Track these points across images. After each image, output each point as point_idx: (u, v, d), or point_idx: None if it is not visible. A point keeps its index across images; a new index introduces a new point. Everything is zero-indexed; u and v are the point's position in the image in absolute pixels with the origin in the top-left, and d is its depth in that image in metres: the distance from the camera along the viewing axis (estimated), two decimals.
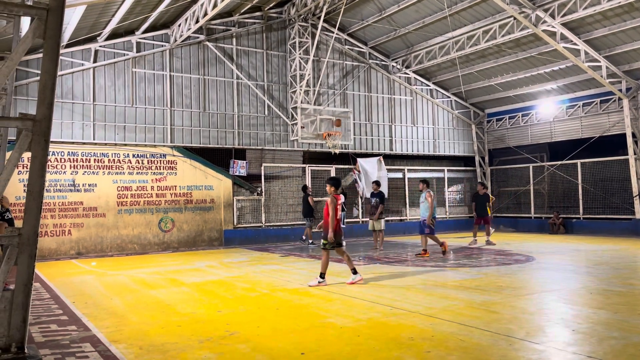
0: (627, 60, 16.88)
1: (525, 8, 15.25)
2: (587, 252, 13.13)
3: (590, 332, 5.64)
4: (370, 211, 14.88)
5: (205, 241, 16.98)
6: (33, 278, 4.65)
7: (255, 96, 18.21)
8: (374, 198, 14.80)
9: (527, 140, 21.62)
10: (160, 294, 8.54)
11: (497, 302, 7.20)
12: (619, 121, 18.31)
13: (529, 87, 20.03)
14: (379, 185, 15.20)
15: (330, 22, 19.19)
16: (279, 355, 5.06)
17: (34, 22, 4.74)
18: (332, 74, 19.79)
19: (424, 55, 20.07)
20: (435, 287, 8.57)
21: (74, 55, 15.34)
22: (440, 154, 22.34)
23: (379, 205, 14.58)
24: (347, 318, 6.48)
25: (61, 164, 15.02)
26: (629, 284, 8.53)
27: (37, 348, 5.28)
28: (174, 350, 5.28)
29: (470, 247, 14.78)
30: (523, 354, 4.93)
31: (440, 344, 5.28)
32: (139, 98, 16.28)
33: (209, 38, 17.33)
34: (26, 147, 4.66)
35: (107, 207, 15.49)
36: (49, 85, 4.72)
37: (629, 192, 17.79)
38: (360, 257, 12.92)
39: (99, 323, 6.52)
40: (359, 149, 20.18)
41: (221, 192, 17.28)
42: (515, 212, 22.15)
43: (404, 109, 21.47)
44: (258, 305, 7.54)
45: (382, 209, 14.62)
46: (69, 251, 14.98)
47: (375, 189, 15.03)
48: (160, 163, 16.41)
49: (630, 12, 14.80)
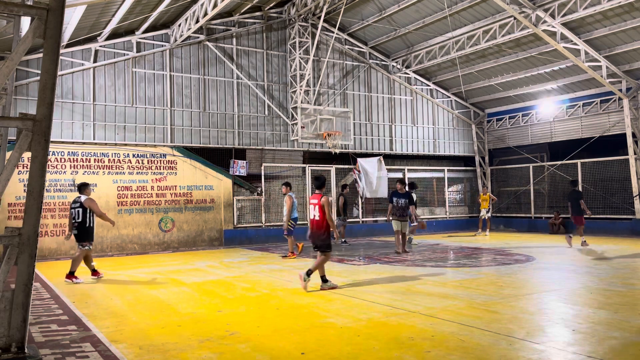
0: (627, 60, 16.88)
1: (525, 8, 15.25)
2: (587, 252, 13.12)
3: (591, 332, 5.64)
4: (397, 212, 13.36)
5: (205, 241, 16.98)
6: (33, 278, 4.66)
7: (255, 96, 18.21)
8: (402, 199, 13.42)
9: (527, 140, 21.62)
10: (160, 294, 8.54)
11: (497, 302, 7.20)
12: (619, 121, 18.31)
13: (529, 87, 20.03)
14: (404, 184, 13.99)
15: (330, 22, 19.19)
16: (279, 355, 5.06)
17: (34, 22, 4.74)
18: (332, 73, 19.79)
19: (424, 55, 20.07)
20: (435, 287, 8.57)
21: (74, 55, 15.34)
22: (441, 153, 22.34)
23: (410, 207, 13.59)
24: (347, 318, 6.48)
25: (61, 164, 15.02)
26: (629, 283, 8.53)
27: (37, 348, 5.28)
28: (174, 350, 5.28)
29: (582, 247, 14.06)
30: (523, 354, 4.93)
31: (440, 344, 5.28)
32: (139, 98, 16.28)
33: (209, 38, 17.33)
34: (26, 147, 4.66)
35: (107, 207, 15.47)
36: (49, 85, 4.72)
37: (629, 192, 17.78)
38: (360, 257, 12.92)
39: (99, 323, 6.52)
40: (359, 149, 20.18)
41: (221, 192, 17.28)
42: (516, 212, 22.15)
43: (404, 109, 21.47)
44: (258, 305, 7.54)
45: (414, 211, 14.13)
46: (69, 251, 14.96)
47: (400, 189, 13.66)
48: (160, 163, 16.41)
49: (630, 12, 14.80)
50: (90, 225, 10.14)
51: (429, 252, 13.94)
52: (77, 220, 10.05)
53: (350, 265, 11.76)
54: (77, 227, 10.06)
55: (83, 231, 10.06)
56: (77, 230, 10.06)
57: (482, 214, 19.08)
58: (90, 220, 10.13)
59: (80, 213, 10.07)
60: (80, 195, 10.32)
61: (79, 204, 10.14)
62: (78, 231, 10.06)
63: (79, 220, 10.05)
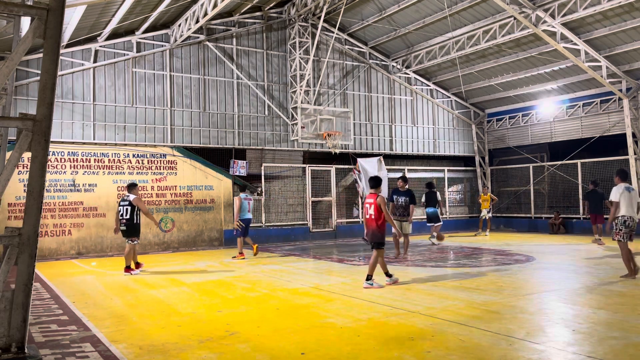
0: (627, 60, 16.87)
1: (525, 8, 15.25)
2: (587, 252, 13.13)
3: (590, 332, 5.64)
4: (398, 212, 12.86)
5: (205, 241, 16.98)
6: (33, 278, 4.66)
7: (256, 96, 18.21)
8: (402, 197, 12.90)
9: (527, 140, 21.62)
10: (160, 294, 8.54)
11: (497, 302, 7.20)
12: (619, 121, 18.30)
13: (529, 87, 20.03)
14: (405, 181, 13.31)
15: (330, 22, 19.19)
16: (279, 355, 5.06)
17: (34, 22, 4.74)
18: (332, 74, 19.79)
19: (424, 55, 20.07)
20: (435, 287, 8.57)
21: (74, 55, 15.34)
22: (441, 154, 22.33)
23: (409, 206, 12.82)
24: (347, 318, 6.48)
25: (61, 164, 15.02)
26: (629, 283, 8.53)
27: (37, 348, 5.28)
28: (174, 350, 5.29)
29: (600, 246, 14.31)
30: (523, 354, 4.93)
31: (440, 344, 5.28)
32: (139, 98, 16.28)
33: (209, 38, 17.33)
34: (26, 147, 4.66)
35: (108, 207, 15.48)
36: (49, 85, 4.72)
37: None
38: (360, 257, 12.92)
39: (99, 323, 6.53)
40: (359, 149, 20.18)
41: (221, 192, 17.28)
42: (516, 212, 22.15)
43: (404, 109, 21.47)
44: (258, 305, 7.54)
45: (413, 210, 12.97)
46: (69, 251, 14.98)
47: (401, 187, 13.10)
48: (160, 163, 16.41)
49: (630, 12, 14.79)
50: (137, 222, 10.94)
51: (428, 252, 13.94)
52: (125, 218, 10.82)
53: (350, 265, 11.77)
54: (126, 224, 10.86)
55: (131, 228, 10.87)
56: (126, 227, 10.87)
57: (483, 214, 19.08)
58: (137, 217, 10.93)
59: (128, 211, 10.84)
60: (129, 194, 11.06)
61: (128, 202, 10.90)
62: (126, 228, 10.86)
63: (127, 218, 10.81)
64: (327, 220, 19.51)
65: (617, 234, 9.02)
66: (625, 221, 8.94)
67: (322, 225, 19.33)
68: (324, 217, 19.57)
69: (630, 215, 8.92)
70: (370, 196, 8.98)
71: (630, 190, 9.09)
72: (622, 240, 8.96)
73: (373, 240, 8.89)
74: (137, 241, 11.06)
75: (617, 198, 9.04)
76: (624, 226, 8.94)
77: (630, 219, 8.92)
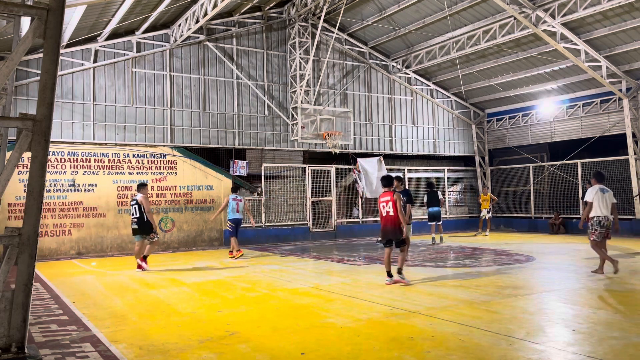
0: (627, 60, 16.87)
1: (525, 8, 15.25)
2: (587, 252, 13.11)
3: (590, 332, 5.64)
4: None
5: (205, 241, 16.98)
6: (33, 278, 4.65)
7: (255, 96, 18.21)
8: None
9: (527, 140, 21.62)
10: (160, 294, 8.54)
11: (497, 302, 7.20)
12: (619, 121, 18.31)
13: (529, 87, 20.03)
14: (400, 181, 11.90)
15: (330, 22, 19.19)
16: (279, 355, 5.06)
17: (34, 22, 4.74)
18: (332, 74, 19.79)
19: (424, 55, 20.07)
20: (435, 287, 8.57)
21: (74, 55, 15.34)
22: (441, 154, 22.33)
23: (407, 205, 11.43)
24: (347, 318, 6.48)
25: (61, 164, 15.02)
26: (629, 283, 8.54)
27: (37, 348, 5.28)
28: (174, 350, 5.28)
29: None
30: (523, 354, 4.93)
31: (440, 344, 5.28)
32: (139, 98, 16.28)
33: (209, 38, 17.33)
34: (26, 147, 4.66)
35: (107, 207, 15.48)
36: (49, 85, 4.72)
37: (629, 192, 17.78)
38: (360, 257, 12.92)
39: (99, 323, 6.52)
40: (359, 149, 20.17)
41: (221, 192, 17.28)
42: (516, 212, 22.15)
43: (404, 109, 21.47)
44: (258, 305, 7.54)
45: (410, 210, 11.80)
46: (69, 251, 14.98)
47: (397, 186, 11.31)
48: (160, 163, 16.41)
49: (630, 12, 14.80)
50: (147, 219, 11.27)
51: (428, 252, 13.94)
52: (136, 217, 11.25)
53: (350, 265, 11.77)
54: (137, 222, 11.25)
55: (143, 225, 11.22)
56: (137, 225, 11.25)
57: (483, 214, 19.07)
58: (146, 215, 11.28)
59: (137, 209, 11.26)
60: (137, 193, 11.50)
61: (136, 201, 11.35)
62: (138, 226, 11.24)
63: (137, 216, 11.23)
64: (327, 220, 19.51)
65: (592, 234, 9.40)
66: (600, 221, 9.29)
67: (322, 225, 19.33)
68: (324, 217, 19.57)
69: (605, 215, 9.26)
70: (385, 194, 8.95)
71: (605, 191, 9.40)
72: (597, 240, 9.34)
73: (396, 239, 8.87)
74: (157, 236, 11.51)
75: (590, 199, 9.41)
76: (599, 226, 9.29)
77: (605, 218, 9.27)
